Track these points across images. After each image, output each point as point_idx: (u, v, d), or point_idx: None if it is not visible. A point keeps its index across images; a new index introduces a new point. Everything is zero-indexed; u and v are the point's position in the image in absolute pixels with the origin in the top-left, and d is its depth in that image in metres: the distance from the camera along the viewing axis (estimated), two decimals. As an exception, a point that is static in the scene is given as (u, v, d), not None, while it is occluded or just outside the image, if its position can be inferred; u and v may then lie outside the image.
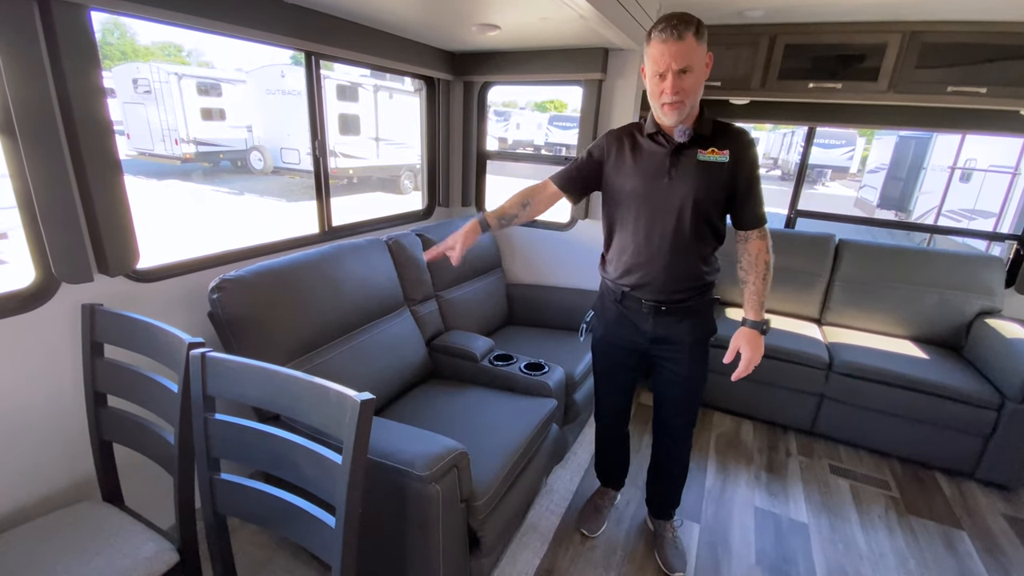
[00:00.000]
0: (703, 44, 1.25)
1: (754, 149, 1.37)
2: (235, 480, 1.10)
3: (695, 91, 1.28)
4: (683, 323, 1.49)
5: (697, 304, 1.48)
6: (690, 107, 1.29)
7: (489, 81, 2.69)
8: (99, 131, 1.27)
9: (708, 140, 1.36)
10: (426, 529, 1.26)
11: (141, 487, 1.44)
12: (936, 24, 2.18)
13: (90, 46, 1.23)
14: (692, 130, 1.35)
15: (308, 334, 1.62)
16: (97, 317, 1.27)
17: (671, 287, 1.45)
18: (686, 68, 1.23)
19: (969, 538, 1.96)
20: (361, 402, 0.88)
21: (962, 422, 2.22)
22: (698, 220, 1.38)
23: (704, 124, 1.36)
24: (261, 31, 1.63)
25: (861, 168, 17.20)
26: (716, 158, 1.34)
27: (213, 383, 1.05)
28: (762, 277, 1.41)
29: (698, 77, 1.27)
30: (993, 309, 2.57)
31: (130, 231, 1.38)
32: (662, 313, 1.48)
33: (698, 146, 1.36)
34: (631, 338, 1.57)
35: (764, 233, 1.42)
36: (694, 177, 1.35)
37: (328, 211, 2.17)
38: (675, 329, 1.50)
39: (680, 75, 1.24)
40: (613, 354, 1.67)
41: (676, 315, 1.48)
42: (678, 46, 1.22)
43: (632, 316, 1.54)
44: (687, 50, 1.22)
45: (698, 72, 1.26)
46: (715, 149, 1.35)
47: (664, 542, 1.79)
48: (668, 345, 1.53)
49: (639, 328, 1.54)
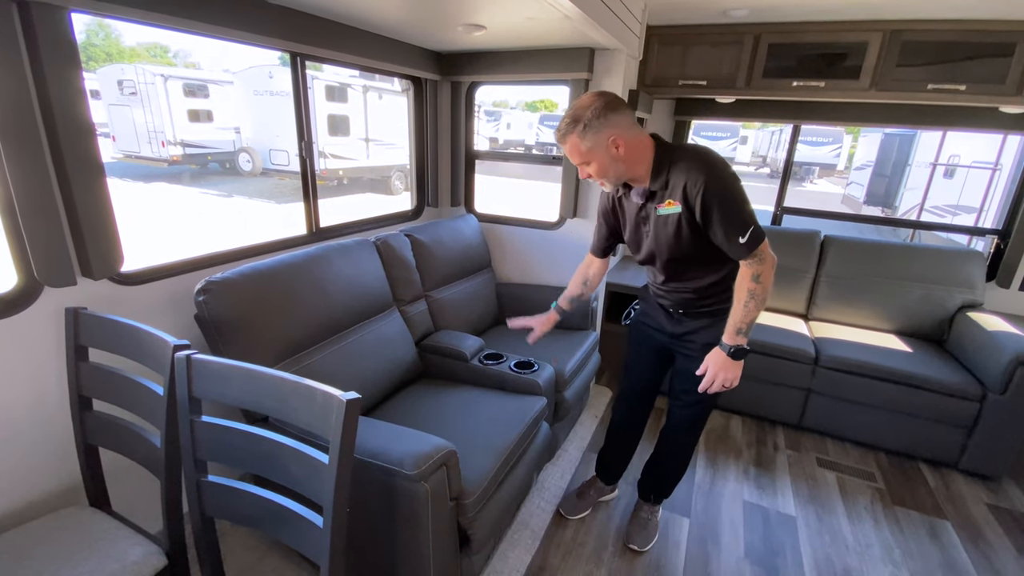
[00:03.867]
0: (595, 136, 1.27)
1: (707, 180, 1.25)
2: (222, 482, 1.09)
3: (607, 172, 1.34)
4: (700, 325, 1.54)
5: (714, 309, 1.52)
6: (616, 179, 1.37)
7: (476, 81, 2.69)
8: (81, 133, 1.26)
9: (665, 191, 1.35)
10: (416, 528, 1.27)
11: (128, 491, 1.43)
12: (916, 23, 2.21)
13: (71, 48, 1.22)
14: (646, 188, 1.38)
15: (296, 335, 1.61)
16: (81, 321, 1.26)
17: (681, 303, 1.55)
18: (583, 159, 1.32)
19: (953, 528, 2.00)
20: (347, 401, 0.88)
21: (945, 414, 2.26)
22: (687, 260, 1.44)
23: (657, 177, 1.34)
24: (246, 32, 1.63)
25: (848, 165, 17.38)
26: (670, 210, 1.35)
27: (199, 385, 1.05)
28: (742, 303, 1.33)
29: (602, 162, 1.31)
30: (975, 302, 2.62)
31: (114, 234, 1.37)
32: (681, 315, 1.58)
33: (657, 200, 1.38)
34: (657, 328, 1.68)
35: (752, 262, 1.31)
36: (661, 230, 1.40)
37: (316, 212, 2.17)
38: (693, 329, 1.56)
39: (583, 165, 1.35)
40: (644, 335, 1.74)
41: (693, 318, 1.56)
42: (567, 146, 1.32)
43: (660, 311, 1.65)
44: (572, 149, 1.32)
45: (600, 159, 1.31)
46: (671, 200, 1.34)
47: (636, 519, 1.86)
48: (685, 342, 1.59)
49: (664, 323, 1.64)
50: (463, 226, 2.64)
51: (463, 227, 2.64)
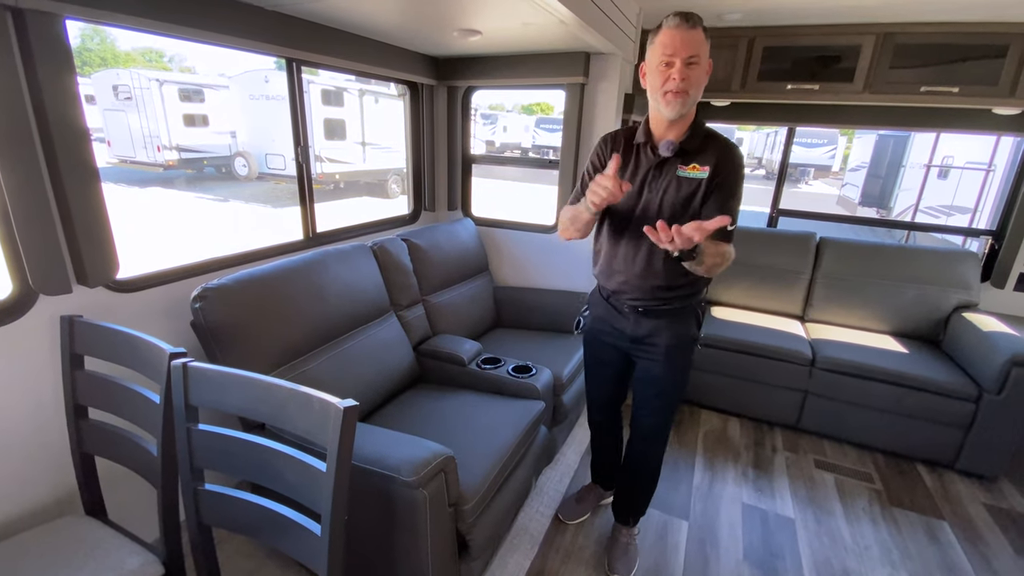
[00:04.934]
0: (708, 46, 1.28)
1: (738, 163, 1.34)
2: (219, 490, 1.09)
3: (698, 86, 1.28)
4: (661, 325, 1.49)
5: (678, 308, 1.48)
6: (691, 103, 1.30)
7: (473, 86, 2.70)
8: (75, 139, 1.26)
9: (692, 154, 1.35)
10: (414, 534, 1.26)
11: (124, 500, 1.42)
12: (909, 25, 2.23)
13: (65, 54, 1.21)
14: (679, 144, 1.34)
15: (293, 341, 1.61)
16: (76, 329, 1.26)
17: (648, 293, 1.46)
18: (695, 57, 1.24)
19: (950, 528, 2.00)
20: (344, 409, 0.88)
21: (942, 414, 2.27)
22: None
23: (694, 136, 1.35)
24: (241, 38, 1.62)
25: (843, 166, 17.47)
26: (695, 174, 1.33)
27: (195, 393, 1.05)
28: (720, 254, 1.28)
29: (701, 74, 1.28)
30: (970, 303, 2.63)
31: (109, 241, 1.37)
32: (641, 314, 1.50)
33: (681, 161, 1.35)
34: (615, 335, 1.59)
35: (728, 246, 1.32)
36: (668, 193, 1.36)
37: (312, 217, 2.16)
38: (653, 330, 1.50)
39: (689, 65, 1.25)
40: (599, 348, 1.67)
41: (655, 317, 1.49)
42: (692, 34, 1.24)
43: (616, 314, 1.56)
44: (699, 40, 1.25)
45: (703, 68, 1.27)
46: (697, 165, 1.33)
47: (616, 544, 1.78)
48: (646, 346, 1.53)
49: (621, 327, 1.55)
50: (460, 230, 2.64)
51: (460, 231, 2.64)
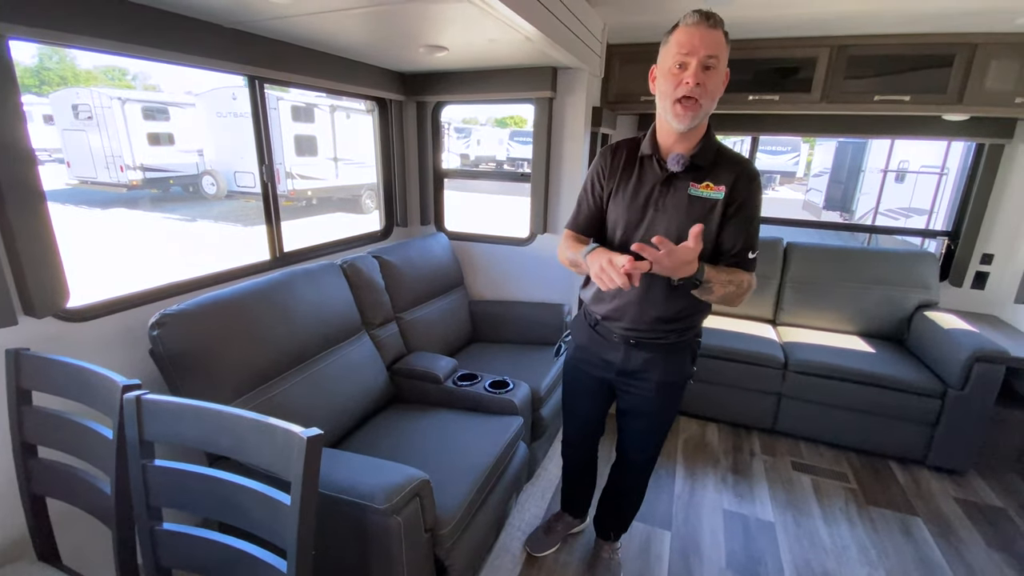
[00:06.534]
0: (728, 51, 1.15)
1: (757, 184, 1.23)
2: (178, 529, 1.03)
3: (713, 96, 1.15)
4: (655, 360, 1.37)
5: (674, 342, 1.36)
6: (704, 116, 1.17)
7: (442, 101, 2.69)
8: (19, 161, 1.19)
9: (705, 171, 1.22)
10: (389, 563, 1.22)
11: (78, 543, 1.34)
12: (861, 38, 2.32)
13: (8, 74, 1.16)
14: (688, 159, 1.22)
15: (260, 366, 1.55)
16: (22, 362, 1.18)
17: (645, 323, 1.33)
18: (714, 59, 1.10)
19: (924, 524, 2.04)
20: (307, 439, 0.84)
21: (909, 411, 2.32)
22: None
23: (706, 151, 1.23)
24: (201, 56, 1.58)
25: (807, 172, 18.06)
26: (709, 194, 1.21)
27: (150, 427, 0.99)
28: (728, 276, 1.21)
29: (718, 82, 1.14)
30: (931, 302, 2.72)
31: (57, 267, 1.30)
32: (632, 346, 1.38)
33: (692, 178, 1.22)
34: (601, 366, 1.47)
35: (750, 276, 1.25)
36: (680, 213, 1.23)
37: (279, 236, 2.11)
38: (645, 365, 1.38)
39: (705, 70, 1.11)
40: (581, 378, 1.56)
41: (649, 350, 1.37)
42: (712, 34, 1.10)
43: (603, 344, 1.44)
44: (720, 42, 1.11)
45: (720, 75, 1.14)
46: (711, 184, 1.21)
47: (599, 560, 1.76)
48: (636, 381, 1.42)
49: (610, 358, 1.43)
50: (433, 245, 2.62)
51: (433, 246, 2.61)
